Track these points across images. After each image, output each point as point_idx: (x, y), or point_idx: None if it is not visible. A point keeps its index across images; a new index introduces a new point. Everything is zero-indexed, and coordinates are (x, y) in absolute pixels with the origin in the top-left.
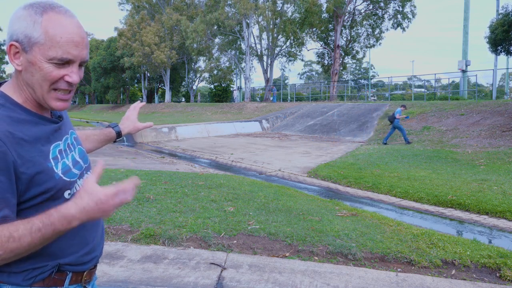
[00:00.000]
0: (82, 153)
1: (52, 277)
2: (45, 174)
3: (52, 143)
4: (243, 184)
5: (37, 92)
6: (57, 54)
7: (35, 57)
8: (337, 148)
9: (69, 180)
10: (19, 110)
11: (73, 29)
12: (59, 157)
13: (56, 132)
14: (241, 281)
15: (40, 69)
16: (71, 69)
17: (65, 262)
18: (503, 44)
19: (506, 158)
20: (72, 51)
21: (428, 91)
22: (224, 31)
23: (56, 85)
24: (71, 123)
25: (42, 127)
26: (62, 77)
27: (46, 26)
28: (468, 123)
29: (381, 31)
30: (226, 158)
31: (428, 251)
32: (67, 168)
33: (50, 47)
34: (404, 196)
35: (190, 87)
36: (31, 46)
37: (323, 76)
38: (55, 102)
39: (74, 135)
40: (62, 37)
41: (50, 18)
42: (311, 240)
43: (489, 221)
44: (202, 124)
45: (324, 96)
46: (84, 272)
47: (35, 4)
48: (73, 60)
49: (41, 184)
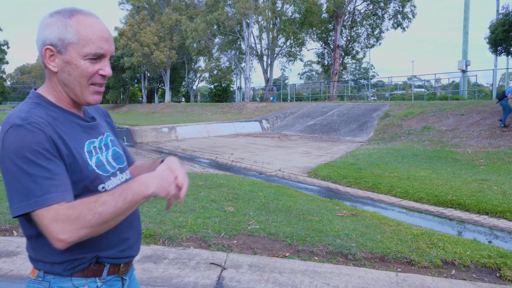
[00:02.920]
0: (116, 155)
1: (91, 268)
2: (80, 164)
3: (87, 140)
4: (243, 184)
5: (75, 89)
6: (91, 50)
7: (70, 57)
8: (337, 148)
9: (102, 174)
10: (54, 108)
11: (101, 26)
12: (94, 152)
13: (91, 130)
14: (241, 281)
15: (77, 66)
16: (103, 63)
17: (103, 255)
18: (503, 44)
19: (506, 158)
20: (104, 45)
21: (428, 91)
22: (224, 31)
23: (92, 80)
24: (111, 127)
25: (76, 124)
26: (97, 71)
27: (77, 27)
28: (468, 123)
29: (381, 31)
30: (226, 158)
31: (428, 251)
32: (101, 163)
33: (84, 45)
34: (404, 196)
35: (190, 87)
36: (66, 47)
37: (323, 76)
38: (92, 96)
39: (110, 137)
40: (94, 34)
41: (78, 20)
42: (311, 240)
43: (489, 221)
44: (202, 124)
45: (324, 96)
46: (121, 264)
47: (61, 10)
48: (105, 54)
49: (77, 173)
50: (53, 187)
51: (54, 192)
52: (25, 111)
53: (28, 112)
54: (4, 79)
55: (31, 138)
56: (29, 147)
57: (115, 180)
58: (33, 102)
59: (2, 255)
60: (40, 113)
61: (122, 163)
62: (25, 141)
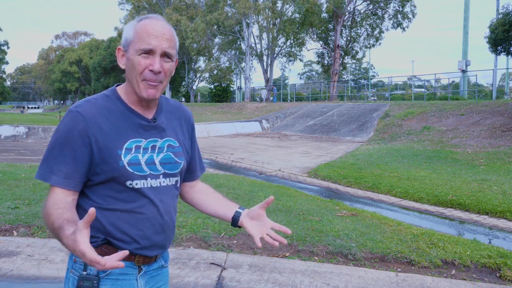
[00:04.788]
0: (168, 160)
1: (102, 249)
2: (112, 157)
3: (132, 137)
4: (243, 184)
5: (134, 84)
6: (141, 46)
7: (130, 54)
8: (337, 148)
9: (133, 172)
10: (119, 103)
11: (156, 26)
12: (133, 150)
13: (143, 130)
14: (241, 281)
15: (132, 61)
16: (154, 59)
17: (114, 242)
18: (503, 44)
19: (506, 158)
20: (152, 41)
21: (428, 91)
22: (224, 31)
23: (143, 76)
24: (184, 134)
25: (130, 120)
26: (147, 66)
27: (137, 28)
28: (468, 123)
29: (381, 31)
30: (226, 158)
31: (428, 251)
32: (136, 161)
33: (137, 42)
34: (404, 196)
35: (190, 87)
36: (128, 46)
37: (323, 76)
38: (145, 90)
39: (171, 142)
40: (146, 32)
41: (142, 23)
42: (311, 240)
43: (489, 221)
44: (202, 124)
45: (324, 96)
46: (136, 254)
47: (137, 17)
48: (153, 50)
49: (106, 164)
50: (59, 172)
51: (58, 176)
52: (84, 100)
53: (86, 101)
54: (4, 79)
55: (69, 124)
56: (64, 130)
57: (153, 182)
58: (103, 94)
59: (2, 255)
60: (96, 105)
61: (172, 170)
62: (65, 125)
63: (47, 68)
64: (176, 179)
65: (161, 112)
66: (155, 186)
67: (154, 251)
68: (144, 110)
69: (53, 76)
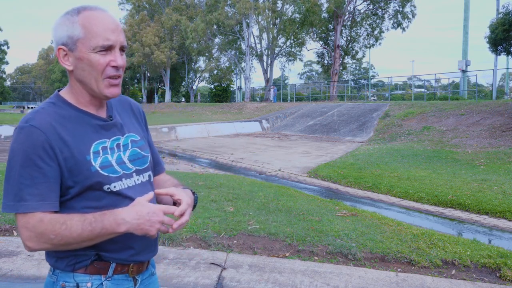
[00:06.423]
0: (135, 156)
1: (94, 265)
2: (82, 165)
3: (96, 140)
4: (243, 184)
5: (91, 84)
6: (99, 42)
7: (81, 52)
8: (337, 148)
9: (108, 175)
10: (68, 108)
11: (106, 18)
12: (101, 153)
13: (103, 130)
14: (241, 281)
15: (88, 61)
16: (114, 54)
17: (106, 255)
18: (503, 44)
19: (506, 158)
20: (111, 36)
21: (428, 91)
22: (224, 31)
23: (105, 73)
24: (141, 126)
25: (87, 123)
26: (108, 63)
27: (83, 23)
28: (468, 123)
29: (381, 31)
30: (226, 158)
31: (428, 251)
32: (108, 164)
33: (91, 38)
34: (404, 196)
35: (190, 87)
36: (75, 44)
37: (323, 76)
38: (108, 89)
39: (133, 137)
40: (99, 26)
41: (84, 16)
42: (311, 240)
43: (489, 221)
44: (202, 124)
45: (324, 96)
46: (130, 264)
47: (69, 10)
48: (113, 45)
49: (78, 174)
50: (30, 196)
51: (30, 200)
52: (33, 113)
53: (35, 113)
54: (4, 79)
55: (27, 141)
56: (22, 149)
57: (128, 181)
58: (48, 102)
59: (2, 255)
60: (48, 114)
61: (142, 165)
62: (22, 144)
63: (47, 68)
64: (149, 174)
65: (112, 108)
66: (131, 185)
67: (147, 255)
68: (97, 110)
69: (53, 76)
